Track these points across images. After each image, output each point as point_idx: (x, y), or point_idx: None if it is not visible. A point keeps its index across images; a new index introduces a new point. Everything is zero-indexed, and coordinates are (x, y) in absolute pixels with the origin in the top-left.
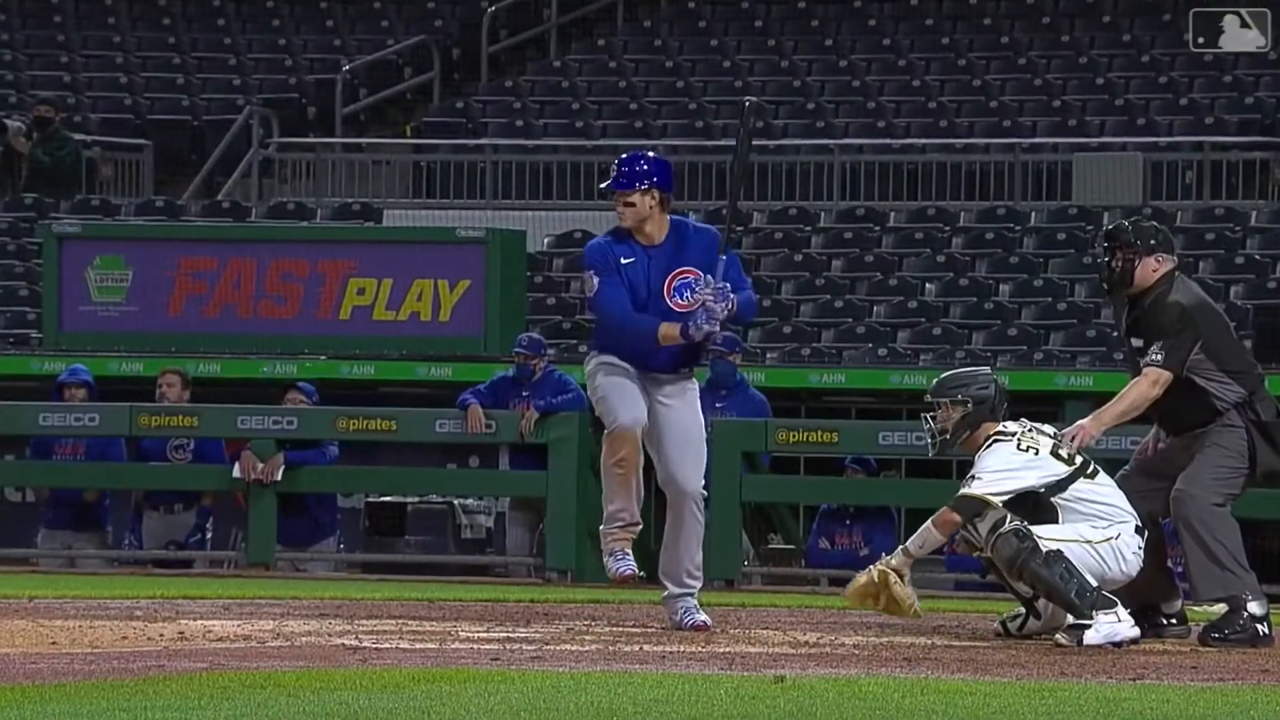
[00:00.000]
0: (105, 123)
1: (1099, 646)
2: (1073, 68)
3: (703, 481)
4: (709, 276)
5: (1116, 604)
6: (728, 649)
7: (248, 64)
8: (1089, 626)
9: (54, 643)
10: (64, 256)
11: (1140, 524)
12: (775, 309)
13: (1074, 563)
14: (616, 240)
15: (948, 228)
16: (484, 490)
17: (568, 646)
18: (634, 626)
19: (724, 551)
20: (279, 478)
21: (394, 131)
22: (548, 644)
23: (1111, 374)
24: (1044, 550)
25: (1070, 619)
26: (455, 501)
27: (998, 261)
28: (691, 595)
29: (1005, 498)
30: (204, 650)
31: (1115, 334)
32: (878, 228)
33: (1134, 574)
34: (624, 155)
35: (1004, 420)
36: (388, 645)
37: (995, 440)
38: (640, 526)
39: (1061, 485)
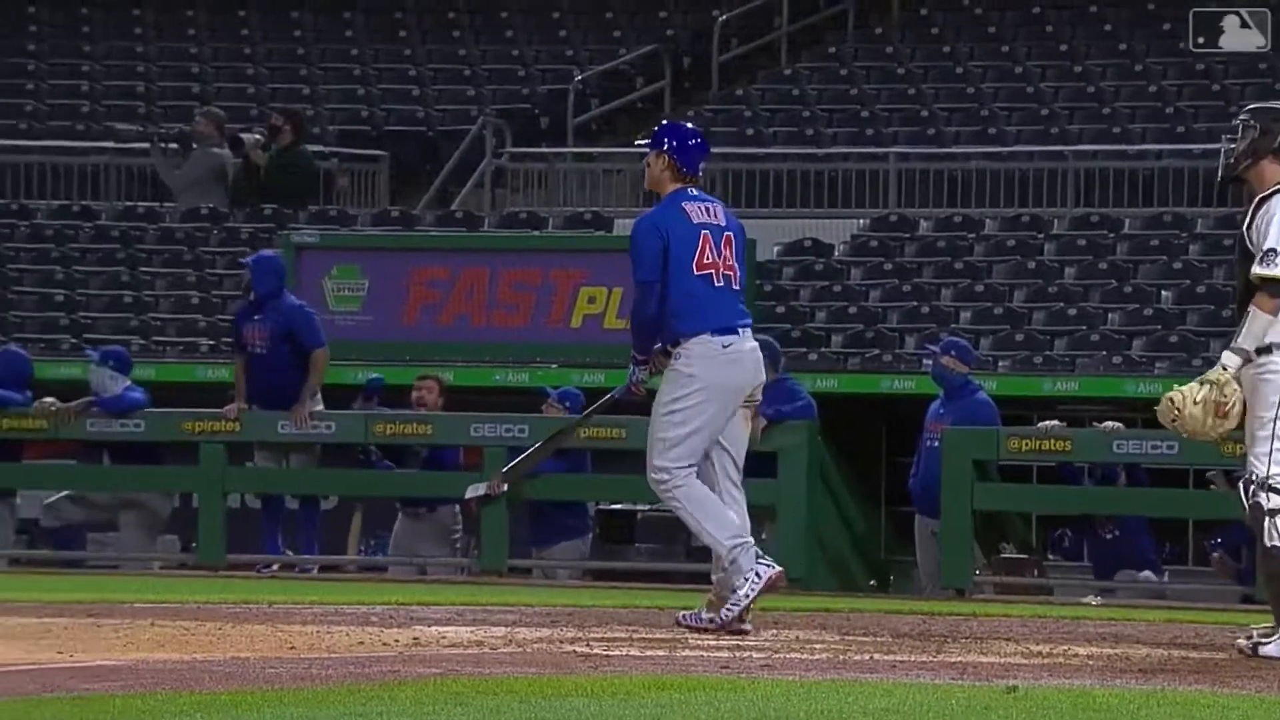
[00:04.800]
0: (343, 134)
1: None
2: None
3: (662, 468)
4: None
5: None
6: (959, 658)
7: (481, 75)
8: (1273, 638)
9: (292, 647)
10: (302, 266)
11: None
12: (1007, 316)
13: None
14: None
15: (1184, 234)
16: None
17: (797, 655)
18: (863, 635)
19: (955, 560)
20: (505, 488)
21: (625, 140)
22: (777, 652)
23: None
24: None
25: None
26: None
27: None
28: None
29: None
30: (438, 656)
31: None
32: (1112, 234)
33: None
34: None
35: None
36: (618, 652)
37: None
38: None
39: None
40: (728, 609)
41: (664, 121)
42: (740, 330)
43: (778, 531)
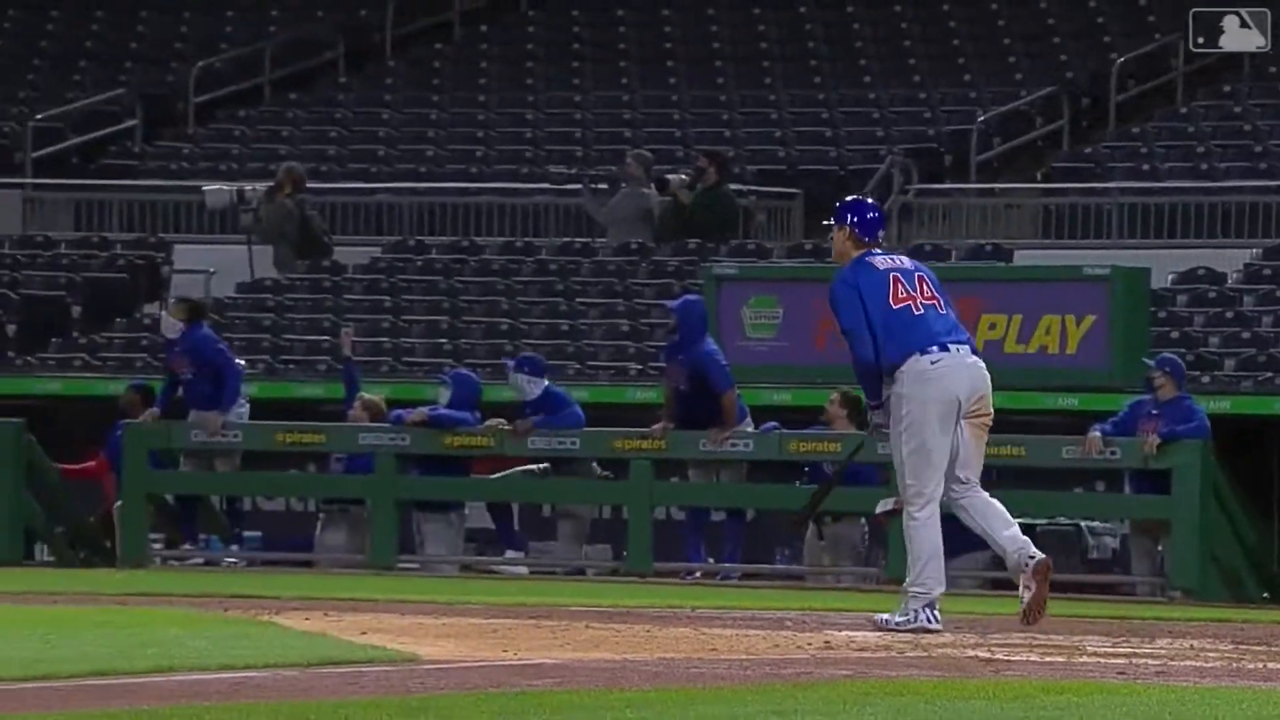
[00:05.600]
0: (760, 173)
1: None
2: None
3: (909, 489)
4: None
5: None
6: None
7: (890, 116)
8: None
9: (713, 649)
10: (722, 296)
11: None
12: None
13: None
14: None
15: None
16: (1108, 513)
17: (1191, 662)
18: (1257, 645)
19: None
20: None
21: (1025, 177)
22: (1172, 659)
23: None
24: None
25: None
26: (1082, 523)
27: None
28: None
29: None
30: (848, 659)
31: None
32: None
33: None
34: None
35: None
36: (1018, 658)
37: None
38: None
39: None
40: (885, 617)
41: (847, 198)
42: (952, 347)
43: (1172, 544)
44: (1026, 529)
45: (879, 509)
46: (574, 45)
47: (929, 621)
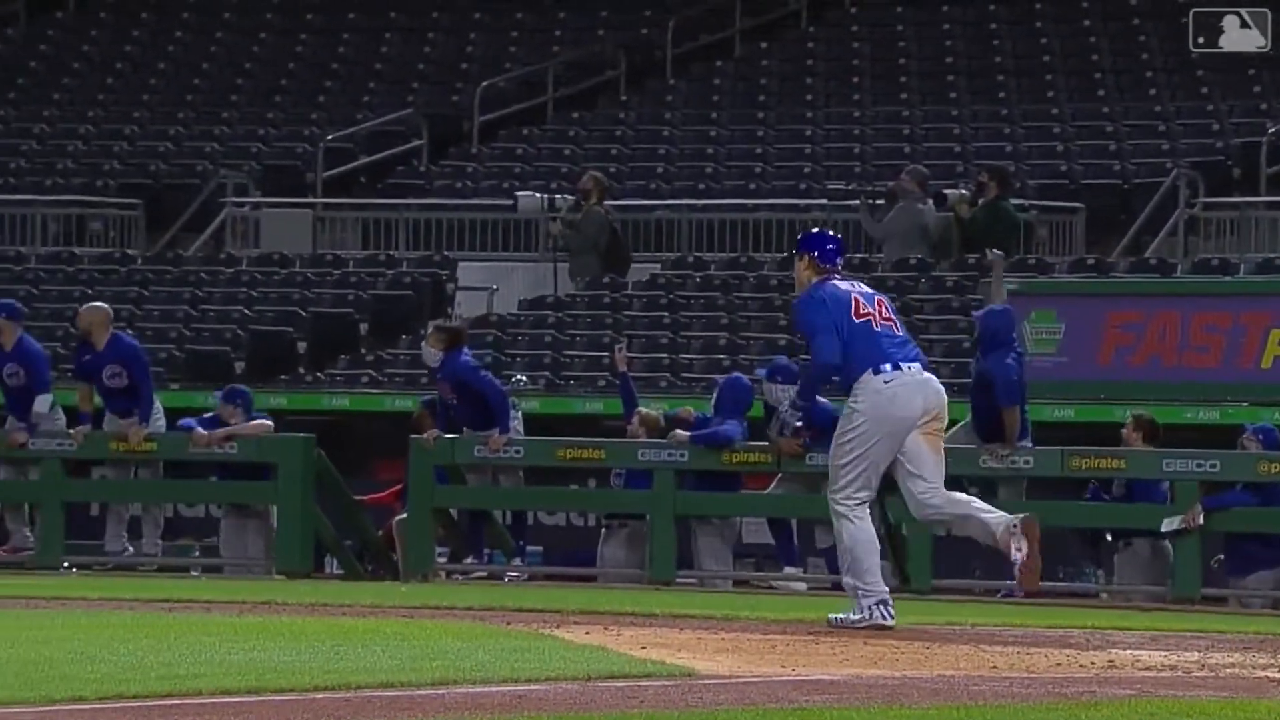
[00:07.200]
0: (1042, 188)
1: None
2: None
3: (835, 493)
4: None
5: None
6: None
7: (1176, 130)
8: None
9: (994, 667)
10: None
11: None
12: None
13: None
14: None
15: None
16: None
17: None
18: None
19: None
20: (1200, 522)
21: None
22: None
23: None
24: None
25: None
26: None
27: None
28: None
29: None
30: (1132, 678)
31: None
32: None
33: None
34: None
35: None
36: None
37: None
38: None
39: None
40: (840, 617)
41: (808, 230)
42: (904, 366)
43: None
44: None
45: (1164, 527)
46: (854, 61)
47: (883, 618)
